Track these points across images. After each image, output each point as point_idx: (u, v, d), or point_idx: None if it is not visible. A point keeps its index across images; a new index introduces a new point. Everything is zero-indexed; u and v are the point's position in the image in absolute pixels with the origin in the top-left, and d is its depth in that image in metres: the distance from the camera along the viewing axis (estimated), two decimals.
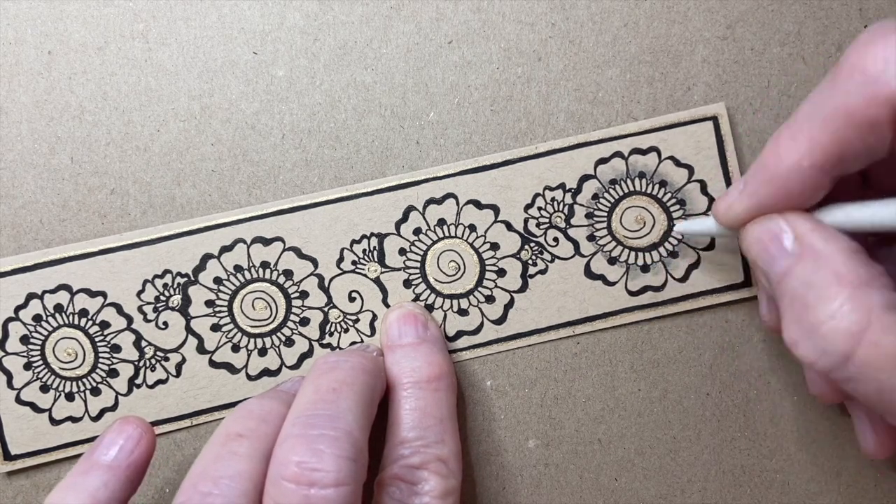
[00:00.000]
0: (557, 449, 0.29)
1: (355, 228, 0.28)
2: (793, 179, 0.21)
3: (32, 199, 0.28)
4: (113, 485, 0.23)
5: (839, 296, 0.20)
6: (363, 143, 0.29)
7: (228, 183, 0.28)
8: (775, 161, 0.21)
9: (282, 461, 0.21)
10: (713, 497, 0.29)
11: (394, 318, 0.28)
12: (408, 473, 0.24)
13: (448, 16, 0.29)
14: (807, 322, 0.20)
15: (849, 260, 0.20)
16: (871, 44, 0.19)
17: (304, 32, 0.28)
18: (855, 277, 0.20)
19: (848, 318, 0.19)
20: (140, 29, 0.28)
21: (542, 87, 0.29)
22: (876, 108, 0.19)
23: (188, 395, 0.28)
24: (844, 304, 0.20)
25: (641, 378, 0.29)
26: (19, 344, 0.28)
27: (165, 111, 0.28)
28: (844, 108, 0.20)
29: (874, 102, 0.19)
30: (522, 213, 0.29)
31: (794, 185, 0.21)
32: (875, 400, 0.20)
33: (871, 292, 0.20)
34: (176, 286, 0.28)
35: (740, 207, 0.23)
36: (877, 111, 0.19)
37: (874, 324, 0.19)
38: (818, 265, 0.21)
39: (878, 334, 0.19)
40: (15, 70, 0.28)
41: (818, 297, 0.20)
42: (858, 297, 0.20)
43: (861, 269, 0.20)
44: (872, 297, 0.20)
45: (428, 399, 0.26)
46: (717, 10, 0.29)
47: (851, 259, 0.20)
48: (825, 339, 0.20)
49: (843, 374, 0.20)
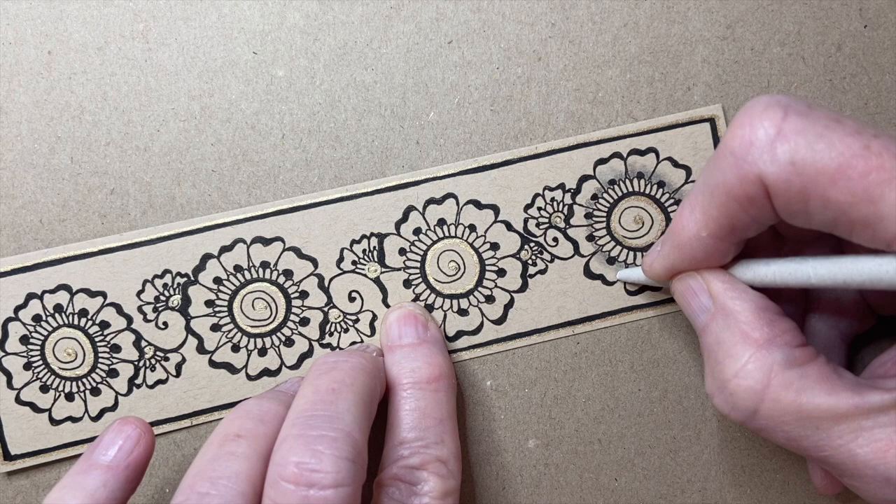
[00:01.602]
0: (557, 449, 0.29)
1: (355, 228, 0.28)
2: (695, 247, 0.23)
3: (32, 199, 0.28)
4: (112, 485, 0.23)
5: (744, 354, 0.22)
6: (363, 143, 0.29)
7: (228, 183, 0.28)
8: (679, 230, 0.23)
9: (281, 462, 0.21)
10: (713, 497, 0.29)
11: (394, 319, 0.28)
12: (407, 474, 0.24)
13: (448, 16, 0.29)
14: (718, 377, 0.22)
15: (755, 319, 0.22)
16: (740, 125, 0.21)
17: (304, 32, 0.28)
18: (759, 336, 0.22)
19: (751, 376, 0.21)
20: (140, 29, 0.28)
21: (542, 87, 0.29)
22: (748, 186, 0.20)
23: (188, 395, 0.28)
24: (748, 362, 0.21)
25: (641, 378, 0.29)
26: (19, 344, 0.28)
27: (165, 111, 0.28)
28: (724, 186, 0.21)
29: (745, 180, 0.20)
30: (522, 213, 0.29)
31: (697, 252, 0.23)
32: (789, 447, 0.22)
33: (773, 350, 0.21)
34: (176, 286, 0.28)
35: (658, 267, 0.25)
36: (749, 189, 0.20)
37: (774, 381, 0.21)
38: (727, 323, 0.22)
39: (778, 391, 0.21)
40: (15, 70, 0.28)
41: (726, 355, 0.22)
42: (761, 356, 0.21)
43: (766, 328, 0.22)
44: (774, 356, 0.21)
45: (428, 400, 0.26)
46: (717, 10, 0.29)
47: (758, 318, 0.22)
48: (733, 396, 0.22)
49: (754, 425, 0.22)
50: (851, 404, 0.20)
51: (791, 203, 0.20)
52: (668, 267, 0.25)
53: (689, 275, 0.24)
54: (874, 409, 0.20)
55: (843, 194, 0.19)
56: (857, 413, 0.20)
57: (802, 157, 0.19)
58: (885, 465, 0.20)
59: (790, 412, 0.21)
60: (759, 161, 0.20)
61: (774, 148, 0.20)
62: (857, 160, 0.19)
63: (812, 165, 0.19)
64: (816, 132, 0.19)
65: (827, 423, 0.20)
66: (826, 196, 0.19)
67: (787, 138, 0.20)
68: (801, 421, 0.21)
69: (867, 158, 0.19)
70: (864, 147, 0.19)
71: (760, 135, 0.20)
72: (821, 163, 0.19)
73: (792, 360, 0.21)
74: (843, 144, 0.19)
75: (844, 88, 0.29)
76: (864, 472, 0.20)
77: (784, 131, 0.20)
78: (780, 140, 0.20)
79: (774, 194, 0.20)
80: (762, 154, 0.20)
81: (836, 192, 0.19)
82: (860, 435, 0.20)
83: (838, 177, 0.19)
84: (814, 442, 0.21)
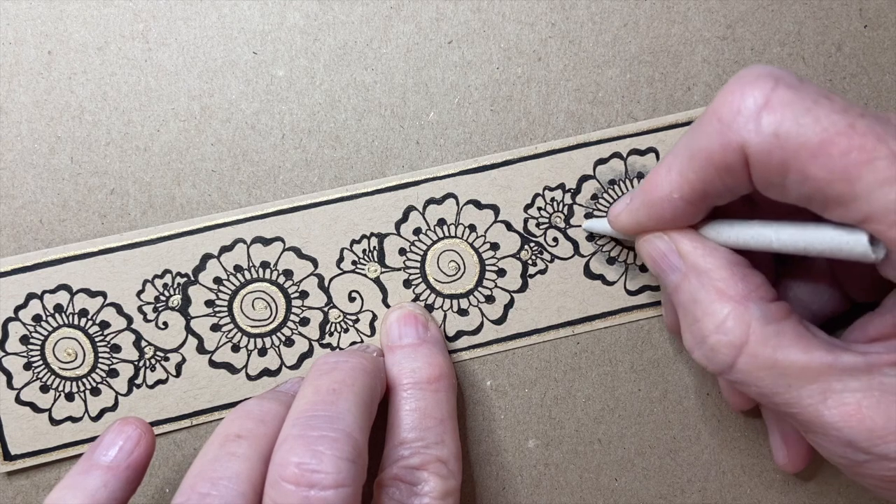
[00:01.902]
0: (557, 449, 0.29)
1: (355, 228, 0.28)
2: (665, 208, 0.23)
3: (32, 199, 0.28)
4: (112, 485, 0.23)
5: (722, 311, 0.22)
6: (363, 143, 0.29)
7: (228, 183, 0.28)
8: (652, 188, 0.23)
9: (281, 462, 0.21)
10: (713, 497, 0.29)
11: (394, 319, 0.28)
12: (407, 474, 0.24)
13: (448, 16, 0.29)
14: (697, 333, 0.23)
15: (729, 275, 0.22)
16: (729, 92, 0.21)
17: (304, 32, 0.28)
18: (735, 292, 0.22)
19: (731, 332, 0.22)
20: (140, 29, 0.28)
21: (542, 87, 0.29)
22: (729, 154, 0.20)
23: (188, 395, 0.28)
24: (727, 318, 0.22)
25: (641, 378, 0.29)
26: (19, 344, 0.28)
27: (165, 111, 0.28)
28: (705, 151, 0.21)
29: (727, 148, 0.20)
30: (522, 213, 0.29)
31: (666, 212, 0.23)
32: (761, 401, 0.23)
33: (750, 306, 0.22)
34: (176, 286, 0.28)
35: (624, 220, 0.25)
36: (730, 156, 0.21)
37: (752, 337, 0.21)
38: (701, 281, 0.23)
39: (756, 346, 0.21)
40: (15, 70, 0.28)
41: (704, 312, 0.22)
42: (739, 312, 0.22)
43: (740, 283, 0.22)
44: (752, 311, 0.22)
45: (428, 400, 0.26)
46: (717, 10, 0.29)
47: (731, 274, 0.22)
48: (712, 350, 0.22)
49: (731, 377, 0.22)
50: (824, 363, 0.21)
51: (769, 175, 0.20)
52: (633, 222, 0.25)
53: (656, 236, 0.24)
54: (846, 370, 0.20)
55: (822, 171, 0.19)
56: (829, 372, 0.20)
57: (787, 129, 0.19)
58: (850, 428, 0.20)
59: (765, 367, 0.21)
60: (744, 130, 0.20)
61: (760, 118, 0.20)
62: (840, 138, 0.19)
63: (795, 139, 0.19)
64: (804, 106, 0.19)
65: (799, 381, 0.21)
66: (805, 171, 0.19)
67: (774, 109, 0.20)
68: (774, 377, 0.21)
69: (850, 137, 0.19)
70: (849, 126, 0.19)
71: (748, 104, 0.20)
72: (804, 137, 0.19)
73: (769, 315, 0.22)
74: (828, 120, 0.19)
75: (844, 88, 0.29)
76: (829, 432, 0.21)
77: (772, 102, 0.20)
78: (766, 110, 0.20)
79: (754, 164, 0.20)
80: (747, 123, 0.20)
81: (816, 167, 0.19)
82: (829, 397, 0.20)
83: (819, 153, 0.19)
84: (785, 399, 0.21)
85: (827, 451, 0.22)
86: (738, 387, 0.23)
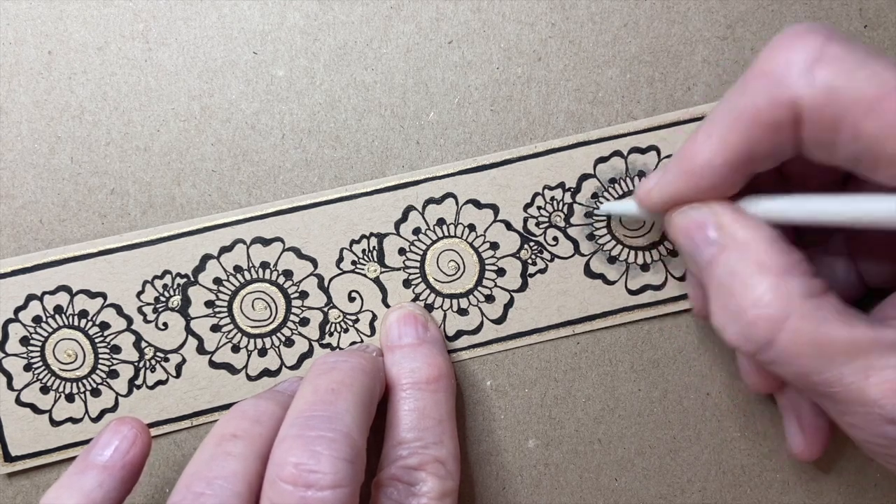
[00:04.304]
0: (557, 449, 0.29)
1: (355, 228, 0.28)
2: (706, 175, 0.22)
3: (32, 199, 0.28)
4: (108, 485, 0.23)
5: (762, 284, 0.21)
6: (363, 143, 0.29)
7: (228, 183, 0.28)
8: (691, 155, 0.22)
9: (279, 462, 0.21)
10: (713, 497, 0.29)
11: (394, 319, 0.28)
12: (405, 474, 0.24)
13: (448, 16, 0.29)
14: (733, 309, 0.21)
15: (770, 248, 0.21)
16: (778, 47, 0.20)
17: (304, 32, 0.28)
18: (776, 266, 0.21)
19: (770, 306, 0.20)
20: (140, 29, 0.28)
21: (542, 87, 0.29)
22: (779, 110, 0.20)
23: (188, 395, 0.28)
24: (767, 292, 0.21)
25: (641, 378, 0.29)
26: (19, 345, 0.28)
27: (165, 111, 0.28)
28: (752, 110, 0.20)
29: (777, 104, 0.20)
30: (522, 213, 0.29)
31: (706, 180, 0.22)
32: (796, 381, 0.21)
33: (791, 280, 0.21)
34: (176, 287, 0.28)
35: (658, 195, 0.24)
36: (780, 113, 0.20)
37: (794, 312, 0.20)
38: (741, 254, 0.22)
39: (798, 321, 0.20)
40: (15, 70, 0.28)
41: (742, 286, 0.21)
42: (780, 286, 0.21)
43: (782, 257, 0.21)
44: (793, 285, 0.21)
45: (427, 400, 0.26)
46: (717, 10, 0.29)
47: (773, 248, 0.21)
48: (749, 326, 0.21)
49: (766, 357, 0.21)
50: (868, 338, 0.20)
51: (822, 131, 0.19)
52: (669, 194, 0.23)
53: (692, 207, 0.23)
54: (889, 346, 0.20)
55: (876, 127, 0.18)
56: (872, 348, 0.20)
57: (841, 83, 0.19)
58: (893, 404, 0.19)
59: (807, 343, 0.20)
60: (796, 84, 0.19)
61: (813, 71, 0.19)
62: None
63: (849, 93, 0.19)
64: (857, 60, 0.19)
65: (841, 357, 0.20)
66: (858, 127, 0.19)
67: (827, 63, 0.19)
68: (816, 354, 0.20)
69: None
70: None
71: (800, 57, 0.19)
72: (858, 91, 0.19)
73: (811, 290, 0.21)
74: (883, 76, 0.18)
75: None
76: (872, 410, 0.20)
77: (825, 56, 0.19)
78: (819, 64, 0.19)
79: (806, 121, 0.19)
80: (800, 77, 0.19)
81: (869, 124, 0.18)
82: (871, 374, 0.20)
83: (874, 108, 0.18)
84: (825, 377, 0.20)
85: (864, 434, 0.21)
86: (773, 367, 0.21)
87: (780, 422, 0.29)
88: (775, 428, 0.29)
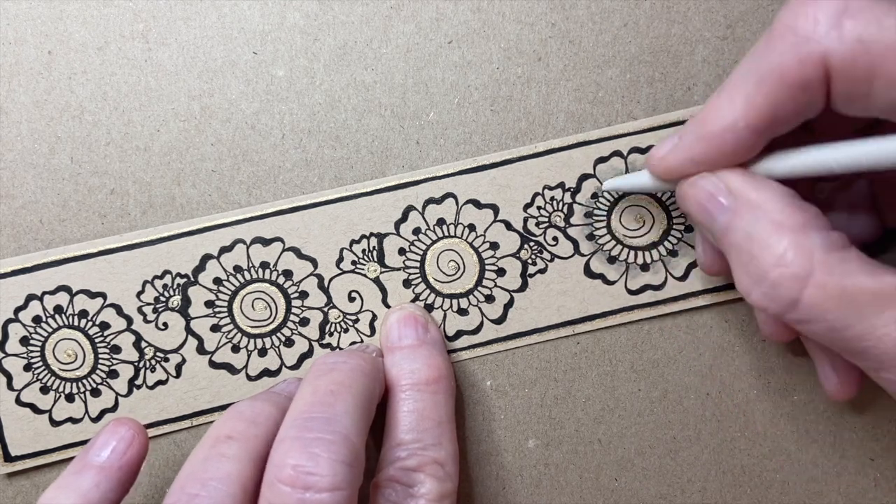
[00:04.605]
0: (557, 449, 0.29)
1: (355, 228, 0.28)
2: (727, 139, 0.22)
3: (32, 199, 0.28)
4: (105, 485, 0.23)
5: (781, 243, 0.20)
6: (363, 143, 0.29)
7: (228, 183, 0.28)
8: (712, 119, 0.22)
9: (278, 464, 0.21)
10: (713, 497, 0.29)
11: (394, 320, 0.28)
12: (404, 475, 0.24)
13: (448, 16, 0.29)
14: (755, 271, 0.21)
15: (784, 206, 0.21)
16: (801, 3, 0.20)
17: (304, 32, 0.28)
18: (793, 223, 0.21)
19: (793, 263, 0.20)
20: (140, 29, 0.28)
21: (542, 87, 0.29)
22: (807, 68, 0.20)
23: (188, 395, 0.28)
24: (788, 250, 0.20)
25: (641, 378, 0.29)
26: (19, 345, 0.28)
27: (165, 111, 0.28)
28: (778, 69, 0.20)
29: (806, 61, 0.19)
30: (522, 213, 0.29)
31: (727, 144, 0.22)
32: (827, 339, 0.21)
33: (810, 235, 0.20)
34: (176, 287, 0.28)
35: (674, 160, 0.23)
36: (808, 71, 0.20)
37: (818, 266, 0.20)
38: (756, 216, 0.21)
39: (823, 276, 0.20)
40: (15, 70, 0.28)
41: (762, 247, 0.21)
42: (800, 242, 0.20)
43: (798, 213, 0.21)
44: (813, 240, 0.20)
45: (426, 401, 0.26)
46: (717, 10, 0.29)
47: (787, 205, 0.21)
48: (774, 287, 0.21)
49: (795, 316, 0.21)
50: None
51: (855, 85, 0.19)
52: (687, 160, 0.23)
53: (701, 177, 0.23)
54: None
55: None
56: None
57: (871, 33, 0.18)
58: None
59: (834, 297, 0.20)
60: (825, 38, 0.19)
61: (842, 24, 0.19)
62: None
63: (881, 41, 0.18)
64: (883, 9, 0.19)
65: (871, 308, 0.20)
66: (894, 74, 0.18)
67: (854, 15, 0.19)
68: (844, 308, 0.20)
69: None
70: None
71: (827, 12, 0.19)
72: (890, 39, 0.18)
73: (831, 244, 0.20)
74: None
75: None
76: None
77: (851, 8, 0.19)
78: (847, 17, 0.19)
79: (838, 76, 0.19)
80: (829, 31, 0.19)
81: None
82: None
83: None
84: (857, 332, 0.20)
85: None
86: (802, 326, 0.21)
87: (780, 422, 0.29)
88: (775, 428, 0.29)
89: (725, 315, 0.29)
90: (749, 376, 0.29)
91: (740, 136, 0.21)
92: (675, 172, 0.24)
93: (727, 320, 0.29)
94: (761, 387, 0.29)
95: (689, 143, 0.23)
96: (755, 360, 0.29)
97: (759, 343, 0.29)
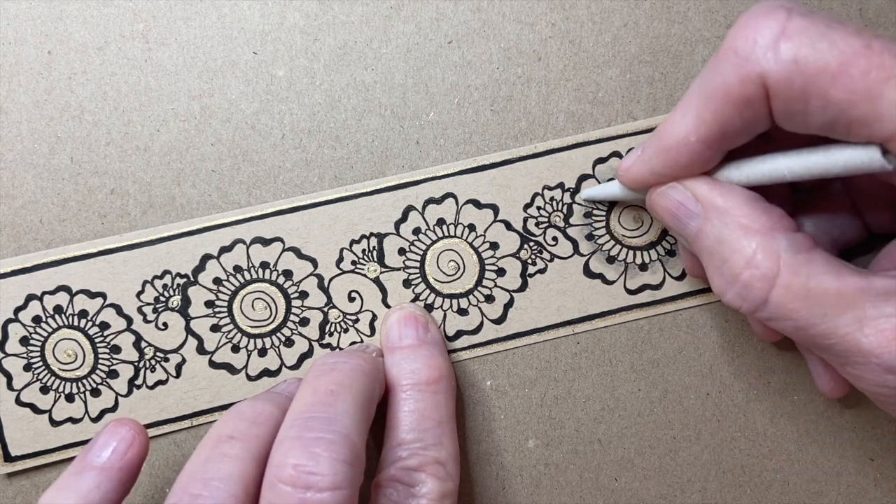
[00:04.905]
0: (557, 449, 0.29)
1: (355, 228, 0.28)
2: (682, 152, 0.23)
3: (32, 199, 0.28)
4: (105, 486, 0.23)
5: (750, 245, 0.22)
6: (363, 143, 0.29)
7: (228, 183, 0.28)
8: (667, 134, 0.23)
9: (278, 463, 0.21)
10: (713, 497, 0.29)
11: (394, 320, 0.28)
12: (405, 475, 0.24)
13: (448, 16, 0.29)
14: (728, 273, 0.22)
15: (751, 210, 0.22)
16: (743, 26, 0.21)
17: (304, 32, 0.28)
18: (759, 226, 0.22)
19: (762, 265, 0.21)
20: (140, 29, 0.28)
21: (542, 87, 0.29)
22: (748, 87, 0.20)
23: (188, 395, 0.28)
24: (757, 252, 0.21)
25: (641, 378, 0.29)
26: (19, 345, 0.28)
27: (165, 111, 0.28)
28: (722, 88, 0.21)
29: (746, 80, 0.20)
30: (521, 213, 0.29)
31: (682, 157, 0.23)
32: (797, 336, 0.22)
33: (776, 237, 0.21)
34: (175, 287, 0.28)
35: (637, 172, 0.25)
36: (749, 89, 0.20)
37: (784, 267, 0.21)
38: (724, 221, 0.22)
39: (788, 276, 0.21)
40: (15, 70, 0.28)
41: (731, 250, 0.22)
42: (767, 245, 0.21)
43: (763, 216, 0.22)
44: (779, 242, 0.21)
45: (427, 401, 0.26)
46: (717, 10, 0.29)
47: (753, 209, 0.22)
48: (746, 287, 0.22)
49: (765, 314, 0.22)
50: (858, 288, 0.20)
51: (791, 103, 0.20)
52: (647, 172, 0.24)
53: (669, 186, 0.24)
54: (880, 295, 0.20)
55: (844, 93, 0.19)
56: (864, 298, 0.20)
57: (805, 55, 0.19)
58: (889, 353, 0.20)
59: (799, 297, 0.21)
60: (763, 60, 0.20)
61: (778, 46, 0.20)
62: (859, 59, 0.19)
63: (814, 64, 0.19)
64: (819, 31, 0.19)
65: (834, 309, 0.20)
66: (826, 95, 0.19)
67: (790, 37, 0.20)
68: (809, 307, 0.21)
69: (868, 57, 0.19)
70: (866, 46, 0.19)
71: (765, 34, 0.20)
72: (823, 61, 0.19)
73: (797, 245, 0.21)
74: (844, 43, 0.19)
75: None
76: (868, 360, 0.20)
77: (788, 30, 0.20)
78: (783, 39, 0.20)
79: (775, 94, 0.20)
80: (766, 53, 0.20)
81: (837, 90, 0.19)
82: (865, 324, 0.20)
83: (839, 75, 0.19)
84: (821, 330, 0.21)
85: (866, 383, 0.21)
86: (773, 324, 0.22)
87: (780, 422, 0.29)
88: (775, 428, 0.29)
89: (725, 315, 0.29)
90: (749, 376, 0.29)
91: (693, 149, 0.22)
92: (640, 183, 0.25)
93: (727, 320, 0.29)
94: (761, 387, 0.29)
95: (649, 155, 0.24)
96: (755, 360, 0.29)
97: (759, 343, 0.29)
